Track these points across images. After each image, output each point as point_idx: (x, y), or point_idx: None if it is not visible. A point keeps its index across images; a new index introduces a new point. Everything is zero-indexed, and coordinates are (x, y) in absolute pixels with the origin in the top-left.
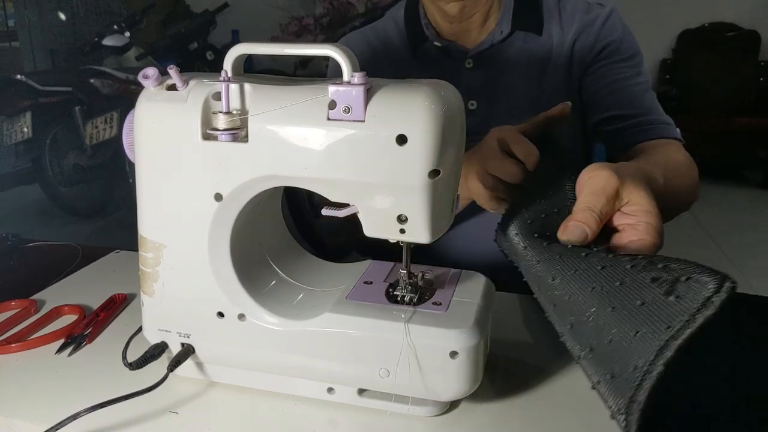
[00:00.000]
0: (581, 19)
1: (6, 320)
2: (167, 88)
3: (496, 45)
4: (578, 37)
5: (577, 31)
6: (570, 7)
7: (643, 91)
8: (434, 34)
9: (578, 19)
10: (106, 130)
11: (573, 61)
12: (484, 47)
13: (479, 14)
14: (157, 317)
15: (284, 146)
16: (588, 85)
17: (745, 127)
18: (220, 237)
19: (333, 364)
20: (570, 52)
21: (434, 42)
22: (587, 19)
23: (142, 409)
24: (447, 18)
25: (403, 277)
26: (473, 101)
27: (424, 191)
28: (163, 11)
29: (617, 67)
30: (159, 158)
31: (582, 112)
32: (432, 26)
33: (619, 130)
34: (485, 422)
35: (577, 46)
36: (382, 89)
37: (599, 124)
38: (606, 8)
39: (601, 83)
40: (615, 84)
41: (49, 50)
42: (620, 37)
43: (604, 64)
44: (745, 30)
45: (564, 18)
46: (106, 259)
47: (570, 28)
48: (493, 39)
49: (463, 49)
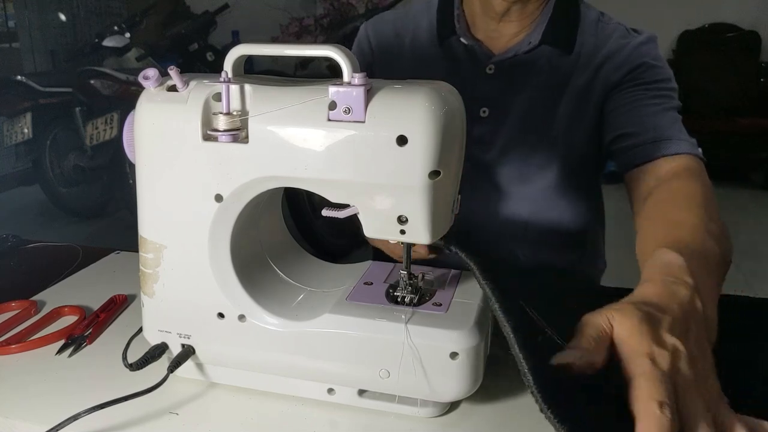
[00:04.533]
0: (615, 42)
1: (6, 321)
2: (167, 89)
3: (520, 55)
4: (607, 61)
5: (606, 55)
6: (609, 29)
7: (660, 111)
8: (464, 28)
9: (612, 42)
10: (107, 131)
11: (596, 84)
12: (508, 55)
13: (518, 23)
14: (158, 318)
15: (284, 147)
16: (607, 107)
17: (746, 128)
18: (220, 238)
19: (333, 365)
20: (594, 75)
21: (461, 38)
22: (621, 43)
23: (142, 409)
24: (488, 13)
25: (403, 277)
26: (485, 109)
27: (424, 192)
28: (163, 12)
29: (639, 90)
30: (159, 159)
31: (594, 142)
32: (465, 19)
33: (626, 149)
34: (485, 423)
35: (604, 69)
36: (383, 90)
37: (610, 144)
38: (643, 35)
39: (619, 104)
40: (632, 104)
41: (49, 51)
42: (650, 63)
43: (626, 87)
44: (746, 30)
45: (599, 39)
46: (107, 260)
47: (601, 50)
48: (518, 49)
49: (489, 53)
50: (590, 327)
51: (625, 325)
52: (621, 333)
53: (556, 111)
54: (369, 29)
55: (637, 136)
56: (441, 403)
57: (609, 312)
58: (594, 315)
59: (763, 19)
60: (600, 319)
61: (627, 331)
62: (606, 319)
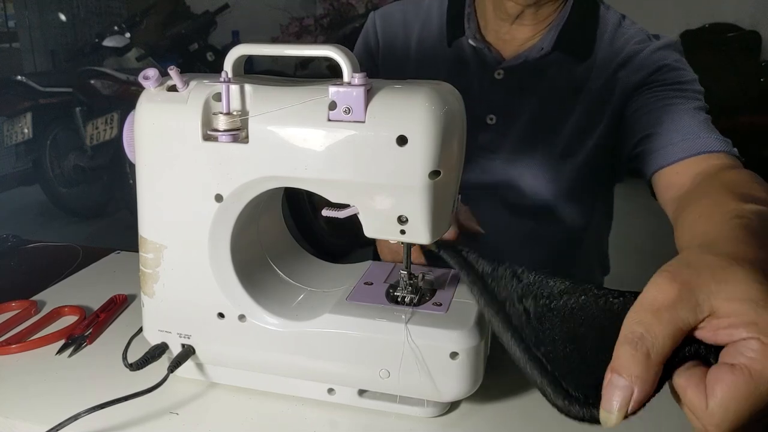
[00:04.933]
0: (632, 47)
1: (6, 321)
2: (168, 89)
3: (531, 62)
4: (624, 64)
5: (625, 58)
6: (629, 34)
7: (689, 110)
8: (475, 29)
9: (630, 47)
10: (107, 131)
11: (613, 88)
12: (518, 61)
13: (531, 27)
14: (158, 318)
15: (285, 147)
16: (628, 109)
17: (746, 127)
18: (220, 238)
19: (333, 365)
20: (611, 79)
21: (469, 40)
22: (638, 48)
23: (142, 409)
24: (501, 15)
25: (403, 277)
26: (493, 116)
27: (424, 192)
28: (163, 12)
29: (664, 90)
30: (159, 159)
31: (605, 151)
32: (476, 20)
33: (655, 149)
34: (486, 423)
35: (621, 73)
36: (383, 90)
37: (636, 146)
38: (664, 39)
39: (642, 104)
40: (657, 104)
41: (49, 51)
42: (672, 65)
43: (650, 89)
44: (746, 30)
45: (617, 43)
46: (107, 260)
47: (620, 54)
48: (528, 55)
49: (498, 58)
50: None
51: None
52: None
53: (568, 119)
54: (377, 17)
55: (666, 135)
56: (441, 403)
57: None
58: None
59: (763, 19)
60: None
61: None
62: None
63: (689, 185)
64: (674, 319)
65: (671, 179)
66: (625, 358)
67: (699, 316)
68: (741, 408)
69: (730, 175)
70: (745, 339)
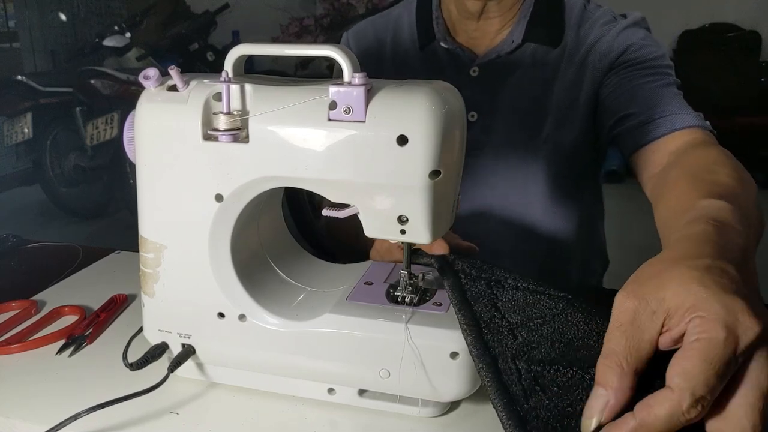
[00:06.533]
0: (599, 30)
1: (6, 321)
2: (168, 89)
3: (504, 56)
4: (592, 49)
5: (592, 42)
6: (595, 17)
7: (660, 87)
8: (444, 32)
9: (597, 29)
10: (107, 130)
11: (585, 73)
12: (491, 57)
13: (499, 19)
14: (158, 318)
15: (285, 147)
16: (602, 92)
17: (746, 127)
18: (220, 238)
19: (333, 365)
20: (582, 64)
21: (440, 42)
22: (605, 29)
23: (142, 409)
24: (464, 14)
25: (403, 277)
26: (474, 113)
27: (424, 192)
28: (163, 12)
29: (633, 70)
30: (160, 159)
31: (587, 137)
32: (444, 23)
33: (630, 129)
34: (486, 423)
35: (590, 57)
36: (383, 90)
37: (612, 128)
38: (629, 18)
39: (615, 86)
40: (628, 84)
41: (49, 51)
42: (639, 43)
43: (619, 69)
44: (746, 30)
45: (584, 27)
46: (107, 260)
47: (586, 39)
48: (501, 49)
49: (472, 56)
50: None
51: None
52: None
53: (547, 108)
54: (350, 36)
55: (640, 115)
56: (441, 403)
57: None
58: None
59: (763, 19)
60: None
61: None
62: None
63: (665, 163)
64: (638, 331)
65: (649, 157)
66: (602, 371)
67: (658, 322)
68: (706, 375)
69: (699, 155)
70: (689, 322)
